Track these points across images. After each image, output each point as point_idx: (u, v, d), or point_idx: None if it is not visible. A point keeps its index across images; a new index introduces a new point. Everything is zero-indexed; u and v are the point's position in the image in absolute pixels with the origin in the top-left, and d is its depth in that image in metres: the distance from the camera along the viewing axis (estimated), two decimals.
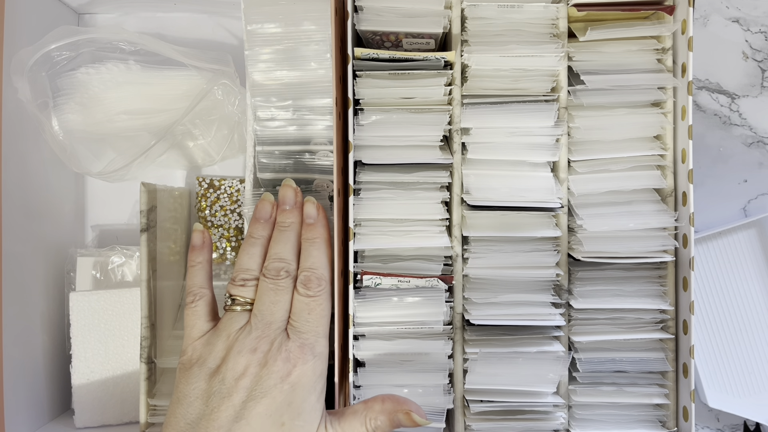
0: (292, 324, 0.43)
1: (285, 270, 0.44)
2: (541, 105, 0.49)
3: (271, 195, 0.47)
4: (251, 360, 0.41)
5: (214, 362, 0.41)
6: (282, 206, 0.46)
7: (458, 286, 0.49)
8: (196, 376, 0.41)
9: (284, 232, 0.46)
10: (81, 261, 0.58)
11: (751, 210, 0.64)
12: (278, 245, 0.45)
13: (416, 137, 0.49)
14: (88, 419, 0.55)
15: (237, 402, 0.40)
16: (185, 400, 0.41)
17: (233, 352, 0.41)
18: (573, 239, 0.50)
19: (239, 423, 0.39)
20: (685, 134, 0.48)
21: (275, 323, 0.42)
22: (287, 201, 0.46)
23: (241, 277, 0.44)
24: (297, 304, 0.43)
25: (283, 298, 0.43)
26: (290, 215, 0.46)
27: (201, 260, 0.46)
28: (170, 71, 0.56)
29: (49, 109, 0.54)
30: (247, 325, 0.43)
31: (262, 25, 0.50)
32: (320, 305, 0.43)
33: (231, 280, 0.45)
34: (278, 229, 0.46)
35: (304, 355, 0.41)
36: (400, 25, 0.49)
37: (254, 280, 0.44)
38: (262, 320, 0.42)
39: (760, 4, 0.64)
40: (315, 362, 0.42)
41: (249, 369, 0.41)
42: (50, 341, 0.57)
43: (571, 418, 0.50)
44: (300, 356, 0.41)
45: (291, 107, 0.51)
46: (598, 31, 0.49)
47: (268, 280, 0.44)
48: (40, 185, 0.56)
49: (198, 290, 0.45)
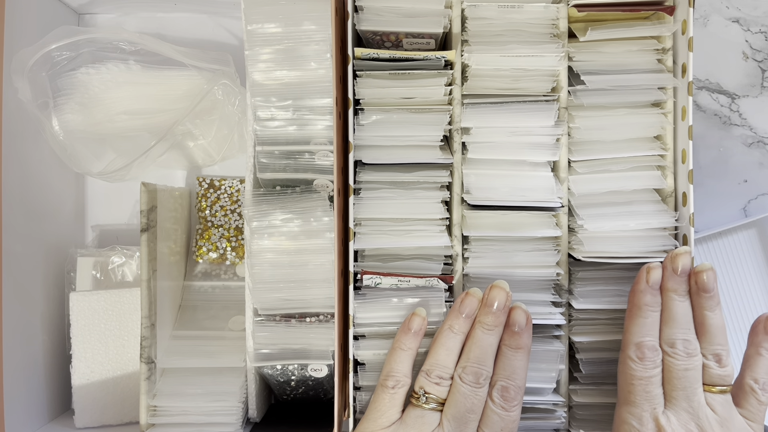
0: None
1: (484, 377, 0.44)
2: (541, 105, 0.49)
3: (479, 291, 0.46)
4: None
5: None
6: (488, 307, 0.45)
7: (458, 285, 0.49)
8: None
9: (487, 335, 0.45)
10: (81, 261, 0.58)
11: (751, 210, 0.64)
12: (478, 349, 0.44)
13: (416, 137, 0.49)
14: (88, 419, 0.55)
15: None
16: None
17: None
18: (573, 239, 0.50)
19: None
20: (685, 134, 0.48)
21: (468, 430, 0.43)
22: (496, 303, 0.45)
23: (437, 374, 0.44)
24: (492, 415, 0.43)
25: (478, 404, 0.43)
26: (496, 318, 0.45)
27: (412, 346, 0.46)
28: (170, 71, 0.56)
29: (50, 109, 0.54)
30: (439, 428, 0.43)
31: (262, 25, 0.50)
32: (515, 418, 0.44)
33: (425, 373, 0.44)
34: (480, 330, 0.45)
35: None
36: (400, 25, 0.49)
37: (449, 380, 0.44)
38: (456, 426, 0.43)
39: (760, 4, 0.64)
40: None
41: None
42: (50, 341, 0.57)
43: (572, 418, 0.50)
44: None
45: (291, 107, 0.51)
46: (598, 31, 0.49)
47: (466, 386, 0.43)
48: (40, 185, 0.56)
49: (402, 377, 0.45)
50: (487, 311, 0.45)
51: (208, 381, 0.52)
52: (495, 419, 0.43)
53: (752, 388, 0.44)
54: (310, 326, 0.50)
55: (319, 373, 0.51)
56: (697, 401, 0.43)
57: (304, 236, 0.49)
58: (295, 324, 0.50)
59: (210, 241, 0.59)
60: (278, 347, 0.50)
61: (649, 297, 0.44)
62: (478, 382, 0.43)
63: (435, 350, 0.45)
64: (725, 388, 0.44)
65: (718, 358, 0.44)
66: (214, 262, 0.59)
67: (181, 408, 0.52)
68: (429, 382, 0.44)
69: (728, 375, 0.44)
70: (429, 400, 0.44)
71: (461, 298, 0.46)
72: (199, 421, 0.51)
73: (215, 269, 0.60)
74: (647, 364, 0.43)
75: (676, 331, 0.44)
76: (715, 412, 0.43)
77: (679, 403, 0.43)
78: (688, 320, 0.44)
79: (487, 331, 0.45)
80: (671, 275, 0.45)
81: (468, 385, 0.43)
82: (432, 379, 0.44)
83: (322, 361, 0.50)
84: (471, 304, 0.45)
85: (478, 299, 0.46)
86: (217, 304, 0.59)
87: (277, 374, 0.52)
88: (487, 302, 0.45)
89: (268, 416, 0.56)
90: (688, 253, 0.45)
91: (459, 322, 0.45)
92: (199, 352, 0.54)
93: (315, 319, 0.50)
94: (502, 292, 0.45)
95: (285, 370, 0.52)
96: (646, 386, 0.43)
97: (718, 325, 0.44)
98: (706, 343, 0.44)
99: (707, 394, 0.43)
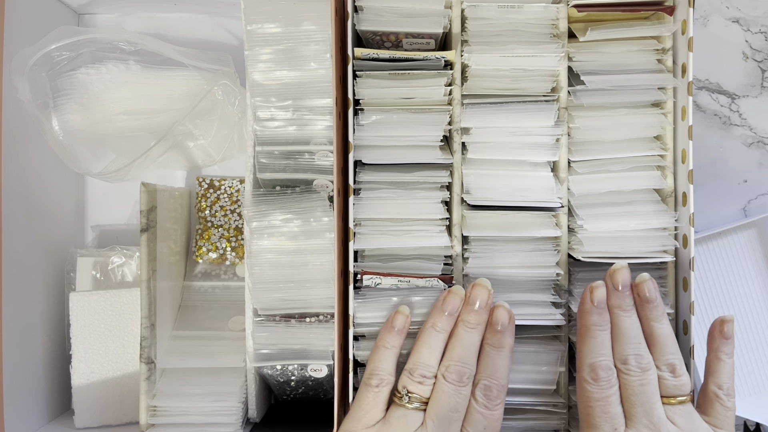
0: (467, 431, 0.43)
1: (467, 376, 0.43)
2: (541, 105, 0.49)
3: (462, 289, 0.46)
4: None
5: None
6: (471, 305, 0.45)
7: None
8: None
9: (469, 333, 0.45)
10: (81, 261, 0.58)
11: (751, 210, 0.64)
12: (461, 347, 0.44)
13: (416, 137, 0.49)
14: (88, 419, 0.55)
15: None
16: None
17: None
18: (573, 239, 0.50)
19: None
20: (685, 134, 0.48)
21: (452, 429, 0.43)
22: (478, 301, 0.45)
23: (420, 373, 0.44)
24: (475, 414, 0.43)
25: (462, 403, 0.43)
26: (479, 316, 0.45)
27: (396, 344, 0.45)
28: (170, 71, 0.56)
29: (50, 109, 0.54)
30: (422, 428, 0.43)
31: (262, 25, 0.50)
32: (498, 417, 0.44)
33: (408, 372, 0.44)
34: (463, 329, 0.45)
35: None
36: (400, 25, 0.49)
37: (432, 378, 0.44)
38: (440, 426, 0.42)
39: (760, 5, 0.64)
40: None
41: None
42: (50, 341, 0.57)
43: (572, 418, 0.50)
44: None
45: (291, 107, 0.51)
46: (598, 31, 0.49)
47: (450, 384, 0.43)
48: (40, 185, 0.56)
49: (386, 376, 0.44)
50: (469, 309, 0.45)
51: (208, 381, 0.52)
52: (478, 418, 0.43)
53: (716, 394, 0.43)
54: (310, 326, 0.50)
55: (318, 374, 0.51)
56: (657, 416, 0.42)
57: (303, 236, 0.49)
58: (295, 324, 0.50)
59: (210, 241, 0.59)
60: (278, 347, 0.50)
61: (595, 317, 0.44)
62: (461, 380, 0.43)
63: (418, 349, 0.45)
64: (684, 398, 0.43)
65: (672, 368, 0.43)
66: (214, 262, 0.59)
67: (180, 408, 0.52)
68: (412, 381, 0.44)
69: (684, 384, 0.43)
70: (412, 400, 0.43)
71: (443, 296, 0.46)
72: (199, 421, 0.51)
73: (215, 269, 0.60)
74: (602, 384, 0.43)
75: (627, 347, 0.43)
76: (677, 425, 0.42)
77: (640, 420, 0.42)
78: (637, 334, 0.44)
79: (470, 330, 0.45)
80: (613, 291, 0.44)
81: (452, 384, 0.43)
82: (415, 378, 0.44)
83: (322, 361, 0.50)
84: (453, 302, 0.45)
85: (460, 297, 0.46)
86: (216, 305, 0.59)
87: (277, 374, 0.52)
88: (470, 300, 0.45)
89: (268, 416, 0.56)
90: (625, 268, 0.45)
91: (442, 321, 0.45)
92: (199, 352, 0.54)
93: (315, 319, 0.50)
94: (484, 290, 0.45)
95: (285, 370, 0.52)
96: (604, 407, 0.42)
97: (667, 334, 0.44)
98: (658, 354, 0.44)
99: (667, 407, 0.43)
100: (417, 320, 0.48)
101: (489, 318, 0.45)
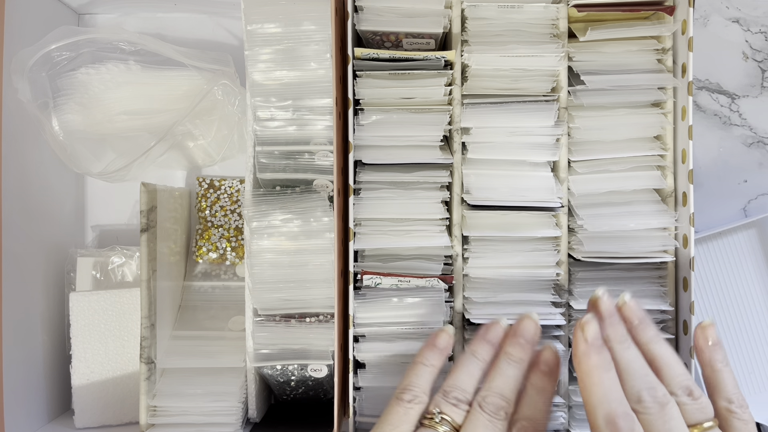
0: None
1: (505, 411, 0.40)
2: (541, 105, 0.49)
3: (505, 320, 0.44)
4: None
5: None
6: (516, 337, 0.43)
7: (458, 285, 0.49)
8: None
9: (512, 366, 0.42)
10: (81, 261, 0.58)
11: (751, 210, 0.64)
12: (502, 379, 0.41)
13: (416, 137, 0.49)
14: (88, 419, 0.55)
15: None
16: None
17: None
18: (573, 239, 0.50)
19: None
20: (685, 134, 0.48)
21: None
22: (525, 334, 0.43)
23: (455, 396, 0.41)
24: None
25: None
26: (523, 351, 0.42)
27: (436, 364, 0.43)
28: (170, 71, 0.56)
29: (49, 109, 0.54)
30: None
31: (262, 25, 0.50)
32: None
33: (443, 393, 0.41)
34: (505, 360, 0.42)
35: None
36: (400, 25, 0.49)
37: (467, 404, 0.41)
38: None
39: (760, 5, 0.64)
40: None
41: None
42: (50, 341, 0.57)
43: (571, 418, 0.50)
44: None
45: (291, 107, 0.51)
46: (598, 31, 0.49)
47: (485, 415, 0.40)
48: (40, 185, 0.56)
49: (420, 393, 0.41)
50: (515, 342, 0.43)
51: (208, 381, 0.52)
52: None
53: (729, 409, 0.39)
54: (309, 326, 0.50)
55: (318, 374, 0.51)
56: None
57: (303, 236, 0.49)
58: (295, 324, 0.50)
59: (210, 242, 0.59)
60: (278, 347, 0.50)
61: (595, 358, 0.39)
62: (498, 413, 0.40)
63: (456, 372, 0.42)
64: (710, 423, 0.38)
65: (689, 391, 0.39)
66: (214, 262, 0.59)
67: (180, 408, 0.52)
68: (446, 402, 0.41)
69: (706, 406, 0.39)
70: (443, 422, 0.40)
71: (487, 326, 0.44)
72: (199, 422, 0.51)
73: (215, 269, 0.60)
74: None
75: (636, 382, 0.39)
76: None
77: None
78: (642, 365, 0.39)
79: (512, 363, 0.42)
80: (606, 323, 0.41)
81: (488, 414, 0.40)
82: (449, 399, 0.41)
83: (322, 361, 0.50)
84: (496, 332, 0.43)
85: (503, 328, 0.44)
86: (217, 305, 0.59)
87: (277, 374, 0.52)
88: (516, 332, 0.43)
89: (268, 416, 0.56)
90: (605, 293, 0.42)
91: (483, 349, 0.43)
92: (199, 353, 0.54)
93: (315, 319, 0.50)
94: (532, 324, 0.43)
95: (285, 370, 0.52)
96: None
97: (670, 353, 0.40)
98: (668, 379, 0.39)
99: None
100: (415, 320, 0.48)
101: (536, 358, 0.43)
